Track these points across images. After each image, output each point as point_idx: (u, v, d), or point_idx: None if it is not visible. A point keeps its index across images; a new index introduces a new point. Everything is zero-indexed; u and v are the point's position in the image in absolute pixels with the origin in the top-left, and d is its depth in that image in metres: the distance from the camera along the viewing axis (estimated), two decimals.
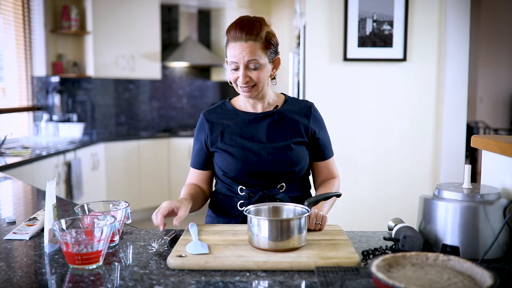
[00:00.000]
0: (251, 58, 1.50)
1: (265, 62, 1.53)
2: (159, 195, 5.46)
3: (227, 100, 1.68)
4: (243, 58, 1.49)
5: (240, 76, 1.52)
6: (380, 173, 2.94)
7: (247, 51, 1.49)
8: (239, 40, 1.50)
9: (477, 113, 7.75)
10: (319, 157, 1.65)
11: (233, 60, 1.51)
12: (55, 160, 3.93)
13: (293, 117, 1.61)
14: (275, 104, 1.63)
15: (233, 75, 1.54)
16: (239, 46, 1.50)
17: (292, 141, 1.57)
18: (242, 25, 1.51)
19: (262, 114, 1.60)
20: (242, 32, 1.49)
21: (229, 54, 1.53)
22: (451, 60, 2.85)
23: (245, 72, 1.51)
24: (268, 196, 1.56)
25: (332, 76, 2.89)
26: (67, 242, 1.10)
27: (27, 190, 2.26)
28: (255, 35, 1.50)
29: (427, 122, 2.91)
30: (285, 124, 1.59)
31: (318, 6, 2.85)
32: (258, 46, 1.51)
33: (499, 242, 1.20)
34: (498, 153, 1.39)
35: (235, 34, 1.50)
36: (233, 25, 1.52)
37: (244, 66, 1.50)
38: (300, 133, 1.59)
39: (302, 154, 1.59)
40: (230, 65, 1.53)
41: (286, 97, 1.67)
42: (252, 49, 1.50)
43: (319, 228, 1.38)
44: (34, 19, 4.77)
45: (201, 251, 1.18)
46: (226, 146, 1.58)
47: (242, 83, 1.52)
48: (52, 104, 5.01)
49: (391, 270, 1.00)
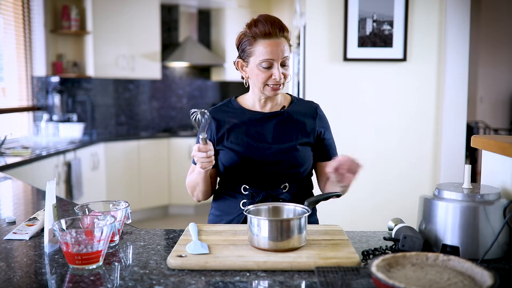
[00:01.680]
0: (286, 55, 1.49)
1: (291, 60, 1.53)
2: (159, 195, 5.47)
3: (233, 98, 1.66)
4: (280, 54, 1.47)
5: (275, 74, 1.48)
6: (380, 173, 2.94)
7: (282, 47, 1.48)
8: (273, 36, 1.47)
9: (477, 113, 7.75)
10: (325, 157, 1.64)
11: (268, 58, 1.47)
12: (55, 160, 3.93)
13: (299, 118, 1.60)
14: (282, 104, 1.62)
15: (263, 74, 1.49)
16: (274, 43, 1.47)
17: (298, 142, 1.57)
18: (272, 21, 1.48)
19: (270, 114, 1.59)
20: (275, 28, 1.47)
21: (261, 52, 1.47)
22: (451, 60, 2.85)
23: (280, 69, 1.49)
24: (272, 196, 1.55)
25: (332, 76, 2.89)
26: (67, 242, 1.10)
27: (27, 190, 2.26)
28: (285, 31, 1.50)
29: (427, 122, 2.91)
30: (291, 125, 1.58)
31: (318, 6, 2.85)
32: (287, 44, 1.51)
33: (499, 242, 1.20)
34: (498, 153, 1.39)
35: (268, 30, 1.46)
36: (261, 21, 1.48)
37: (281, 63, 1.49)
38: (306, 134, 1.59)
39: (307, 155, 1.58)
40: (262, 64, 1.48)
41: (292, 98, 1.66)
42: (285, 45, 1.49)
43: (353, 172, 1.33)
44: (34, 19, 4.77)
45: (201, 251, 1.18)
46: (232, 144, 1.57)
47: (276, 82, 1.49)
48: (52, 104, 5.01)
49: (391, 270, 1.00)
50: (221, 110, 1.63)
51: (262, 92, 1.54)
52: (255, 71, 1.51)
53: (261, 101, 1.59)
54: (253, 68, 1.51)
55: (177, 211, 5.64)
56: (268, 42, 1.47)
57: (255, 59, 1.50)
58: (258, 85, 1.53)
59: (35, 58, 4.83)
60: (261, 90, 1.54)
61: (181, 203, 5.54)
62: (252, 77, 1.54)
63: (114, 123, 5.59)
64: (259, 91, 1.55)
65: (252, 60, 1.51)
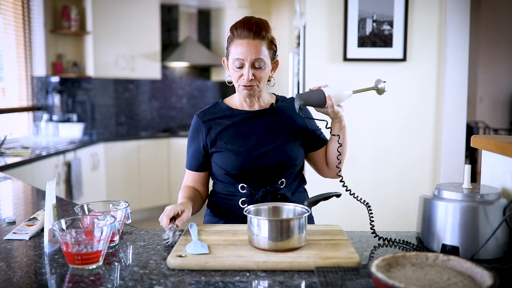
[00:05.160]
0: (258, 57, 1.50)
1: (268, 62, 1.54)
2: (159, 195, 5.47)
3: (220, 100, 1.68)
4: (250, 56, 1.50)
5: (245, 74, 1.51)
6: (380, 173, 2.94)
7: (255, 49, 1.50)
8: (247, 38, 1.50)
9: (477, 113, 7.75)
10: (318, 144, 1.67)
11: (239, 57, 1.50)
12: (55, 160, 3.93)
13: (287, 114, 1.64)
14: (269, 103, 1.66)
15: (236, 73, 1.54)
16: (246, 43, 1.50)
17: (289, 137, 1.61)
18: (249, 24, 1.51)
19: (259, 111, 1.62)
20: (250, 31, 1.50)
21: (234, 52, 1.52)
22: (451, 60, 2.85)
23: (250, 70, 1.51)
24: (271, 192, 1.57)
25: (332, 76, 2.89)
26: (67, 242, 1.10)
27: (27, 190, 2.26)
28: (262, 34, 1.51)
29: (427, 122, 2.91)
30: (281, 121, 1.62)
31: (318, 6, 2.85)
32: (264, 46, 1.52)
33: (499, 242, 1.20)
34: (498, 153, 1.39)
35: (243, 32, 1.50)
36: (240, 23, 1.52)
37: (250, 64, 1.51)
38: (295, 129, 1.63)
39: (299, 149, 1.63)
40: (234, 63, 1.52)
41: (277, 97, 1.70)
42: (259, 47, 1.50)
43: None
44: (34, 19, 4.77)
45: (201, 251, 1.18)
46: (226, 145, 1.58)
47: (246, 82, 1.52)
48: (52, 104, 5.01)
49: (391, 270, 1.00)
50: (209, 113, 1.65)
51: (239, 92, 1.58)
52: (231, 70, 1.56)
53: (247, 101, 1.62)
54: (230, 68, 1.56)
55: None
56: (240, 42, 1.51)
57: (230, 58, 1.55)
58: (234, 84, 1.58)
59: (35, 58, 4.83)
60: (238, 90, 1.59)
61: None
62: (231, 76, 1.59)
63: (114, 123, 5.59)
64: (237, 90, 1.60)
65: (230, 59, 1.56)
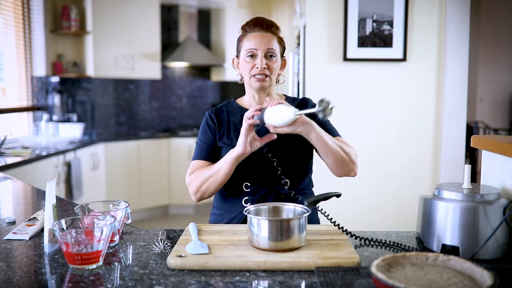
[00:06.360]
0: (270, 47, 1.56)
1: (278, 56, 1.59)
2: (159, 195, 5.47)
3: (232, 100, 1.72)
4: (263, 46, 1.55)
5: (258, 63, 1.55)
6: (379, 173, 2.94)
7: (267, 40, 1.56)
8: (259, 30, 1.56)
9: (477, 113, 7.76)
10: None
11: (252, 48, 1.55)
12: (55, 160, 3.93)
13: None
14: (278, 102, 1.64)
15: (248, 64, 1.57)
16: (259, 35, 1.56)
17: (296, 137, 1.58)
18: (261, 21, 1.59)
19: None
20: (262, 26, 1.57)
21: (247, 44, 1.57)
22: (451, 60, 2.85)
23: (263, 59, 1.54)
24: (273, 192, 1.57)
25: (332, 76, 2.89)
26: (67, 242, 1.10)
27: (27, 190, 2.26)
28: (273, 30, 1.59)
29: (427, 122, 2.91)
30: None
31: (318, 6, 2.85)
32: (275, 40, 1.58)
33: (499, 242, 1.20)
34: (498, 153, 1.39)
35: (255, 27, 1.57)
36: (252, 21, 1.59)
37: (263, 54, 1.55)
38: None
39: (306, 150, 1.62)
40: (247, 54, 1.56)
41: (287, 97, 1.71)
42: (271, 39, 1.57)
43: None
44: (34, 19, 4.77)
45: (201, 251, 1.18)
46: (233, 142, 1.59)
47: (259, 71, 1.55)
48: (52, 104, 5.01)
49: (391, 270, 1.00)
50: (220, 110, 1.69)
51: (251, 85, 1.59)
52: (242, 63, 1.59)
53: (256, 98, 1.62)
54: (242, 62, 1.59)
55: (177, 211, 5.64)
56: (253, 35, 1.57)
57: (243, 53, 1.58)
58: (246, 78, 1.60)
59: (35, 58, 4.83)
60: (250, 83, 1.60)
61: (181, 203, 5.54)
62: (242, 72, 1.61)
63: (114, 123, 5.59)
64: (249, 85, 1.61)
65: (241, 54, 1.59)
